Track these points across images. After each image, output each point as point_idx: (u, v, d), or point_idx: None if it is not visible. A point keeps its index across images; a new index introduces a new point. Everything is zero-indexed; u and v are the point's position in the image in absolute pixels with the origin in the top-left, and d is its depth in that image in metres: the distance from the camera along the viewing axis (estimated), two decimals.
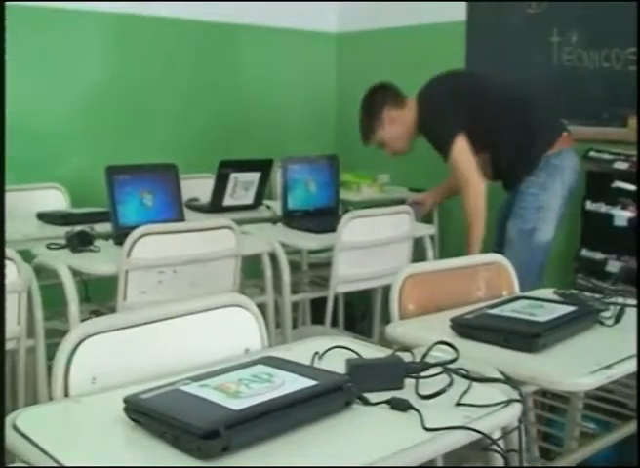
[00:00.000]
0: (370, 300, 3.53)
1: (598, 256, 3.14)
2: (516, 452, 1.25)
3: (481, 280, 1.92)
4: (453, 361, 1.28)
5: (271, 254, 2.59)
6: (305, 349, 1.38)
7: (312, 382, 1.12)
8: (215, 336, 1.40)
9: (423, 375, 1.23)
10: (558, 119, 3.12)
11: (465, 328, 1.55)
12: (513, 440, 1.25)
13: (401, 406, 1.13)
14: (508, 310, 1.64)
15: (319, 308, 2.93)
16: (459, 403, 1.15)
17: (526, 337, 1.46)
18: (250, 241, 2.56)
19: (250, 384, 1.12)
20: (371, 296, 3.50)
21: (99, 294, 2.58)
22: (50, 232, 2.60)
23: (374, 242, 2.69)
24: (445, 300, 1.78)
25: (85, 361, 1.22)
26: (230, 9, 3.98)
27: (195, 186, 3.30)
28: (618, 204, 3.08)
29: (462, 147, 2.91)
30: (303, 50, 4.45)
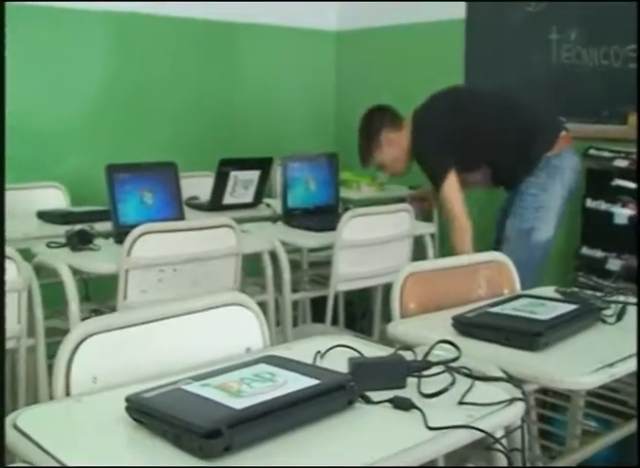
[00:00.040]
0: (370, 299, 3.53)
1: (598, 254, 3.14)
2: (519, 451, 1.24)
3: (482, 278, 1.91)
4: (455, 359, 1.28)
5: (271, 253, 2.58)
6: (307, 348, 1.38)
7: (315, 381, 1.12)
8: (216, 335, 1.40)
9: (426, 374, 1.23)
10: (556, 119, 3.12)
11: (467, 326, 1.54)
12: (516, 438, 1.25)
13: (404, 405, 1.13)
14: (509, 308, 1.63)
15: (319, 307, 2.93)
16: (461, 402, 1.15)
17: (527, 336, 1.45)
18: (250, 239, 2.56)
19: (252, 383, 1.12)
20: (371, 295, 3.50)
21: (99, 293, 2.57)
22: (50, 231, 2.59)
23: (374, 240, 2.69)
24: (446, 299, 1.78)
25: (86, 360, 1.22)
26: (230, 7, 3.97)
27: (195, 185, 3.29)
28: (618, 202, 3.08)
29: (453, 184, 2.97)
30: (303, 48, 4.44)
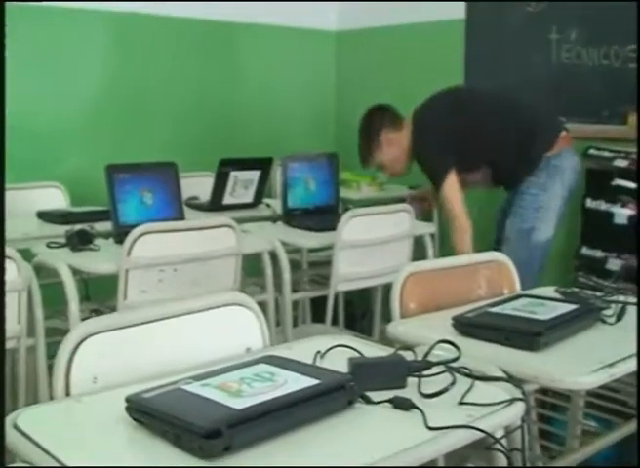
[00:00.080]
0: (370, 299, 3.53)
1: (598, 254, 3.13)
2: (519, 451, 1.24)
3: (482, 278, 1.91)
4: (455, 359, 1.28)
5: (271, 253, 2.58)
6: (307, 348, 1.38)
7: (315, 381, 1.12)
8: (216, 335, 1.40)
9: (426, 374, 1.23)
10: (556, 119, 3.12)
11: (467, 326, 1.54)
12: (516, 438, 1.25)
13: (404, 405, 1.13)
14: (510, 308, 1.63)
15: (319, 307, 2.93)
16: (461, 402, 1.15)
17: (527, 336, 1.45)
18: (250, 239, 2.55)
19: (252, 383, 1.12)
20: (371, 295, 3.49)
21: (99, 293, 2.57)
22: (50, 231, 2.59)
23: (374, 240, 2.69)
24: (446, 299, 1.78)
25: (86, 360, 1.22)
26: (230, 7, 3.96)
27: (195, 185, 3.29)
28: (618, 202, 3.08)
29: (453, 184, 2.97)
30: (303, 48, 4.44)
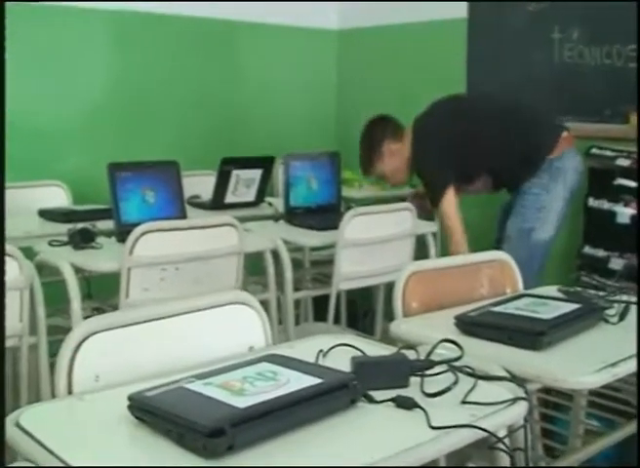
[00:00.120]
0: (372, 298, 3.52)
1: (601, 254, 3.13)
2: (522, 451, 1.24)
3: (484, 277, 1.91)
4: (458, 359, 1.28)
5: (273, 252, 2.58)
6: (309, 347, 1.38)
7: (317, 380, 1.12)
8: (218, 334, 1.40)
9: (429, 373, 1.23)
10: (556, 120, 3.11)
11: (469, 325, 1.54)
12: (518, 438, 1.25)
13: (406, 404, 1.13)
14: (512, 308, 1.63)
15: (321, 305, 2.92)
16: (464, 401, 1.15)
17: (530, 335, 1.45)
18: (252, 238, 2.55)
19: (254, 382, 1.12)
20: (373, 294, 3.49)
21: (101, 292, 2.57)
22: (52, 229, 2.59)
23: (376, 239, 2.69)
24: (448, 298, 1.78)
25: (88, 358, 1.22)
26: (232, 6, 3.96)
27: (197, 183, 3.29)
28: (620, 201, 3.07)
29: (451, 199, 2.99)
30: (305, 47, 4.44)
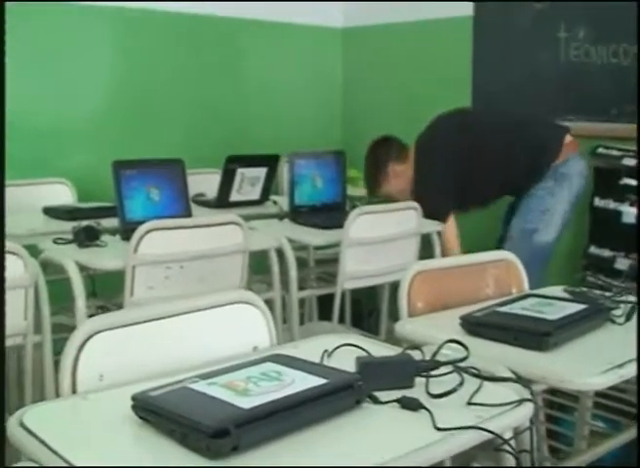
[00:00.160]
0: (377, 297, 3.52)
1: (606, 253, 3.12)
2: (527, 452, 1.23)
3: (490, 277, 1.90)
4: (463, 359, 1.27)
5: (278, 250, 2.57)
6: (314, 347, 1.37)
7: (322, 381, 1.11)
8: (223, 333, 1.39)
9: (434, 374, 1.22)
10: (559, 126, 3.10)
11: (475, 326, 1.53)
12: (524, 439, 1.24)
13: (411, 405, 1.12)
14: (518, 308, 1.62)
15: (325, 304, 2.92)
16: (470, 402, 1.14)
17: (536, 336, 1.44)
18: (257, 237, 2.55)
19: (259, 382, 1.11)
20: (378, 293, 3.48)
21: (105, 290, 2.57)
22: (56, 227, 2.58)
23: (381, 238, 2.68)
24: (454, 298, 1.77)
25: (92, 358, 1.21)
26: (236, 5, 3.95)
27: (202, 182, 3.29)
28: (626, 200, 3.06)
29: (452, 224, 3.04)
30: (309, 45, 4.43)
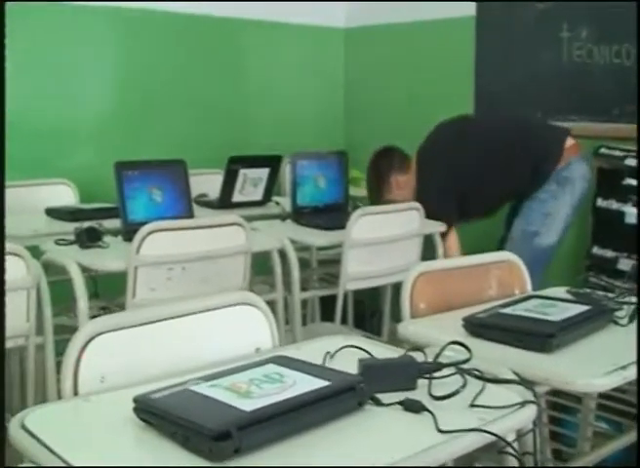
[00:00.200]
0: (379, 298, 3.51)
1: (609, 254, 3.11)
2: (530, 454, 1.23)
3: (493, 278, 1.90)
4: (466, 361, 1.26)
5: (280, 251, 2.57)
6: (316, 348, 1.37)
7: (324, 382, 1.11)
8: (225, 335, 1.39)
9: (437, 376, 1.22)
10: (559, 128, 3.09)
11: (478, 327, 1.53)
12: (527, 441, 1.24)
13: (414, 407, 1.12)
14: (521, 309, 1.62)
15: (328, 305, 2.92)
16: (473, 404, 1.13)
17: (539, 337, 1.44)
18: (259, 237, 2.54)
19: (261, 384, 1.11)
20: (380, 294, 3.48)
21: (107, 291, 2.57)
22: (58, 228, 2.58)
23: (383, 239, 2.68)
24: (456, 299, 1.76)
25: (94, 359, 1.21)
26: (239, 5, 3.95)
27: (204, 182, 3.28)
28: (629, 201, 3.05)
29: (454, 234, 3.04)
30: (312, 45, 4.43)
